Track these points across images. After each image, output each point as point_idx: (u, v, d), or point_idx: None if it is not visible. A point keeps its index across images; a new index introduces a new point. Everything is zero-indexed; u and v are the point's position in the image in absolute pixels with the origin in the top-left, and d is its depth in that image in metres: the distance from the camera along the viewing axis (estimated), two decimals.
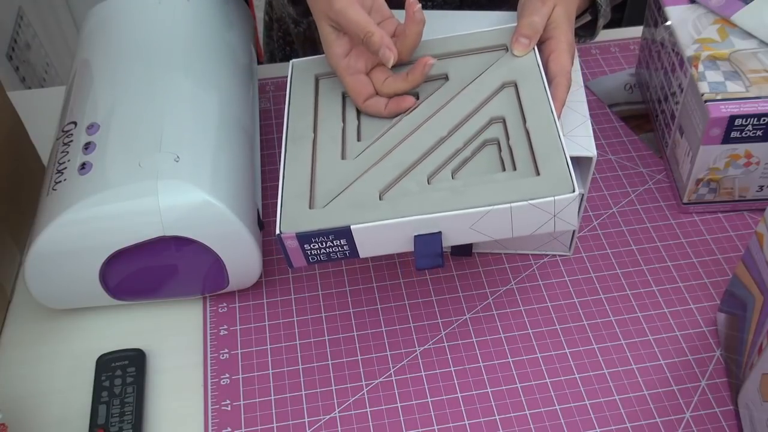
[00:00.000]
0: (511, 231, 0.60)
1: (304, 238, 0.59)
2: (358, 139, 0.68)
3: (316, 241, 0.59)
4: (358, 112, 0.70)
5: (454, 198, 0.59)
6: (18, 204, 0.77)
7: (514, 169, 0.61)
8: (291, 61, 0.74)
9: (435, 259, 0.59)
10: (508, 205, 0.58)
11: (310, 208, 0.61)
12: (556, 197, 0.57)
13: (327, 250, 0.60)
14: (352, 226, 0.59)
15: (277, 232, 0.60)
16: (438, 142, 0.64)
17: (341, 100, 0.70)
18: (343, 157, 0.65)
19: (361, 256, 0.61)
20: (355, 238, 0.59)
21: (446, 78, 0.69)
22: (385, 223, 0.59)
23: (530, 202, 0.58)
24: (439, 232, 0.59)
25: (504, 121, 0.65)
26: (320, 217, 0.60)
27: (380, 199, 0.61)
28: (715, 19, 0.80)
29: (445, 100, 0.67)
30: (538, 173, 0.60)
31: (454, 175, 0.63)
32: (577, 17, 0.74)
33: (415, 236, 0.59)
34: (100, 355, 0.69)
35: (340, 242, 0.60)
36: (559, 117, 0.66)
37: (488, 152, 0.64)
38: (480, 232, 0.60)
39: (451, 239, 0.60)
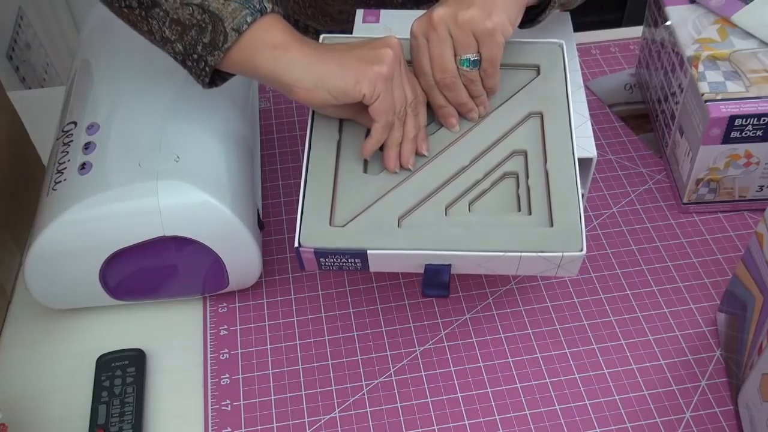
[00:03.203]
0: (516, 271, 0.62)
1: (321, 253, 0.60)
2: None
3: (331, 257, 0.61)
4: None
5: (468, 238, 0.60)
6: (18, 204, 0.77)
7: (529, 212, 0.62)
8: None
9: (442, 290, 0.62)
10: (518, 253, 0.59)
11: (330, 224, 0.62)
12: (564, 253, 0.59)
13: (340, 263, 0.62)
14: (368, 251, 0.60)
15: (296, 244, 0.60)
16: (459, 171, 0.65)
17: None
18: (365, 170, 0.65)
19: (371, 271, 0.63)
20: (369, 260, 0.61)
21: None
22: (400, 253, 0.60)
23: (539, 254, 0.59)
24: (449, 265, 0.61)
25: (525, 155, 0.66)
26: (339, 236, 0.61)
27: (398, 225, 0.62)
28: (715, 19, 0.80)
29: (471, 124, 0.67)
30: (551, 223, 0.61)
31: (470, 207, 0.63)
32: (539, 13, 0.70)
33: (426, 265, 0.61)
34: (100, 355, 0.69)
35: (355, 260, 0.61)
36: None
37: (506, 186, 0.65)
38: (487, 268, 0.62)
39: (459, 270, 0.62)
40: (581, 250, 0.59)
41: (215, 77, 0.65)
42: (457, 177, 0.64)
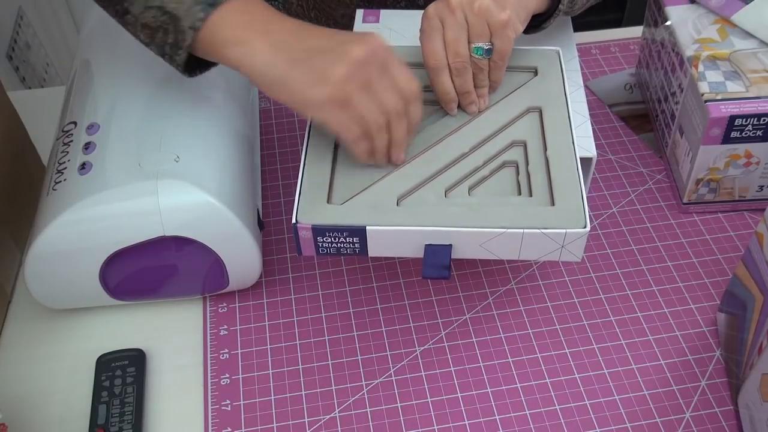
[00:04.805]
0: (518, 254, 0.61)
1: (318, 230, 0.60)
2: None
3: (329, 235, 0.61)
4: None
5: (470, 215, 0.60)
6: (18, 204, 0.77)
7: (530, 194, 0.62)
8: None
9: (441, 270, 0.61)
10: (521, 230, 0.59)
11: (328, 202, 0.62)
12: (567, 230, 0.59)
13: (338, 245, 0.61)
14: (367, 227, 0.60)
15: (293, 221, 0.60)
16: (459, 158, 0.65)
17: None
18: None
19: (369, 255, 0.62)
20: (368, 239, 0.60)
21: None
22: (400, 229, 0.60)
23: (542, 230, 0.59)
24: (450, 245, 0.60)
25: (525, 146, 0.66)
26: (337, 213, 0.61)
27: (397, 205, 0.62)
28: (715, 19, 0.80)
29: (470, 117, 0.68)
30: (552, 203, 0.61)
31: (470, 191, 0.63)
32: (543, 19, 0.72)
33: (426, 245, 0.60)
34: (100, 355, 0.69)
35: (353, 240, 0.61)
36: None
37: (506, 174, 0.65)
38: (488, 250, 0.61)
39: (460, 253, 0.61)
40: (585, 227, 0.59)
41: (201, 64, 0.66)
42: (457, 163, 0.65)
